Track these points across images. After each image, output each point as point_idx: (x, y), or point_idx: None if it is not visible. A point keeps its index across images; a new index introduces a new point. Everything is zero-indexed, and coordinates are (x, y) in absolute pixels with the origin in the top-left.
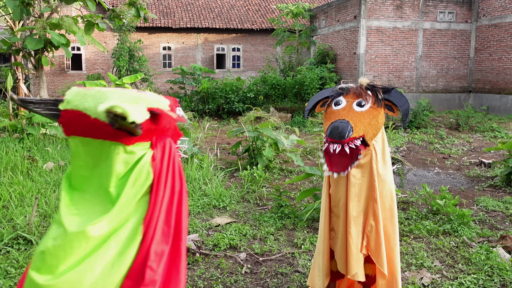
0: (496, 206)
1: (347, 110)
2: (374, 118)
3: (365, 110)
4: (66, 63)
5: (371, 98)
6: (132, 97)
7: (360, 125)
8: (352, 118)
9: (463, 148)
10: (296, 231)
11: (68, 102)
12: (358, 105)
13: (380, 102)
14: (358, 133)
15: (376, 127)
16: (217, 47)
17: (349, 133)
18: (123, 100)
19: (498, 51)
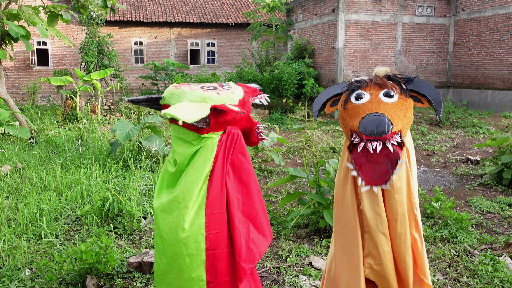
0: (491, 207)
1: (375, 103)
2: (408, 110)
3: (395, 101)
4: (32, 58)
5: (396, 88)
6: (201, 97)
7: (397, 118)
8: (385, 110)
9: (446, 144)
10: (280, 240)
11: (164, 99)
12: (386, 95)
13: (407, 91)
14: (397, 127)
15: (410, 121)
16: (191, 42)
17: (389, 126)
18: (192, 100)
19: (477, 46)
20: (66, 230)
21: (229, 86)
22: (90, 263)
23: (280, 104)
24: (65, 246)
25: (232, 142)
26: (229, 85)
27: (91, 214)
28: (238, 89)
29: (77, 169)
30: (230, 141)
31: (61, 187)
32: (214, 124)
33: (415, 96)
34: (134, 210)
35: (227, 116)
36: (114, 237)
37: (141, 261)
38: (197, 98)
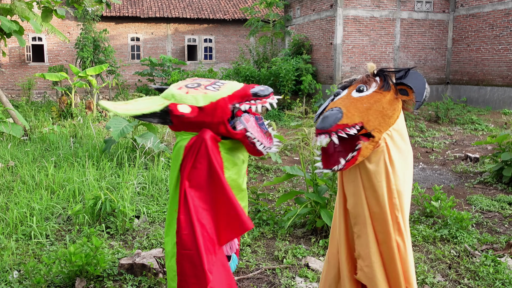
0: (491, 205)
1: (343, 98)
2: (376, 103)
3: (364, 95)
4: (27, 54)
5: (376, 83)
6: (170, 94)
7: (355, 110)
8: (345, 104)
9: (445, 141)
10: (276, 240)
11: None
12: (357, 90)
13: (387, 85)
14: (352, 120)
15: (382, 114)
16: (188, 38)
17: (336, 120)
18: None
19: (476, 42)
20: (57, 230)
21: (218, 85)
22: (80, 265)
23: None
24: (55, 247)
25: (195, 148)
26: (220, 84)
27: (82, 214)
28: (223, 90)
29: (70, 167)
30: (194, 146)
31: (53, 185)
32: (177, 123)
33: (404, 88)
34: (126, 209)
35: (189, 117)
36: (106, 237)
37: (133, 262)
38: (165, 95)
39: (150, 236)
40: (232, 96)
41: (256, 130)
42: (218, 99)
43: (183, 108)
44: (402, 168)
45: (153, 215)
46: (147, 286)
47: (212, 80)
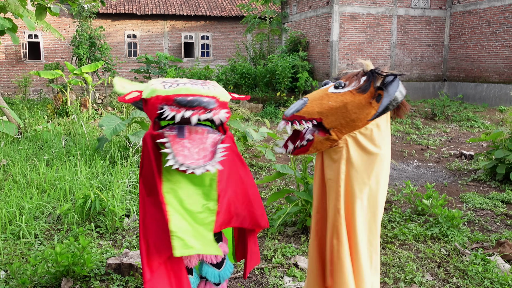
0: (484, 203)
1: (320, 90)
2: (341, 103)
3: (337, 92)
4: (23, 51)
5: (358, 83)
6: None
7: (317, 105)
8: (314, 97)
9: (440, 138)
10: (266, 239)
11: None
12: (334, 87)
13: (364, 88)
14: (310, 114)
15: (345, 116)
16: (185, 35)
17: (296, 110)
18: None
19: (472, 39)
20: (46, 230)
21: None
22: (66, 265)
23: (274, 97)
24: (43, 247)
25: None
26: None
27: (72, 213)
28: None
29: (62, 165)
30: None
31: (44, 184)
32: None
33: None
34: (116, 208)
35: (131, 102)
36: (95, 236)
37: (120, 262)
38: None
39: None
40: (166, 97)
41: (196, 145)
42: (156, 94)
43: (132, 95)
44: (364, 174)
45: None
46: (134, 286)
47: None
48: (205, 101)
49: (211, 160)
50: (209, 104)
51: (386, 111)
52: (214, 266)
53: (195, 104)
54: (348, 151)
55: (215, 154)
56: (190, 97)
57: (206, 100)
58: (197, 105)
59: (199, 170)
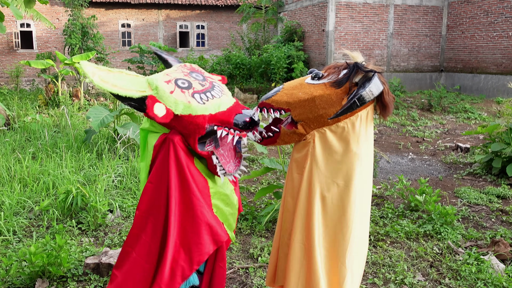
0: (479, 198)
1: (297, 79)
2: (310, 96)
3: (311, 83)
4: (15, 41)
5: (336, 76)
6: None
7: (288, 95)
8: (289, 86)
9: (436, 130)
10: (252, 237)
11: None
12: (312, 77)
13: (339, 83)
14: (279, 103)
15: (312, 110)
16: (180, 24)
17: (267, 96)
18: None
19: (470, 29)
20: (26, 226)
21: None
22: (41, 265)
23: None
24: (21, 244)
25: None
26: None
27: (52, 209)
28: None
29: (48, 158)
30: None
31: (28, 178)
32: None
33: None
34: (98, 204)
35: (159, 121)
36: (76, 233)
37: (99, 262)
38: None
39: (123, 232)
40: (213, 117)
41: (226, 149)
42: (198, 114)
43: (158, 108)
44: (330, 173)
45: (128, 209)
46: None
47: (207, 84)
48: (258, 120)
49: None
50: (259, 121)
51: (348, 111)
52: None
53: (251, 126)
54: (314, 147)
55: (237, 150)
56: (247, 119)
57: (256, 118)
58: (255, 125)
59: (237, 173)
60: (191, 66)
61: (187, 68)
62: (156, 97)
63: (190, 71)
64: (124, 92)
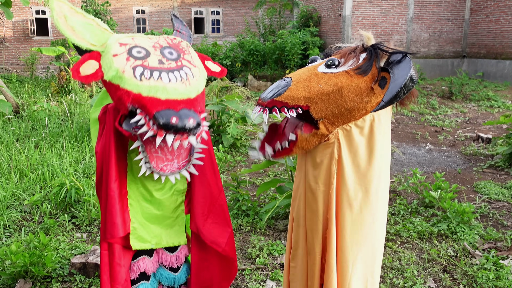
0: (500, 194)
1: (306, 69)
2: (335, 87)
3: (329, 73)
4: (31, 28)
5: (356, 62)
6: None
7: (304, 89)
8: (300, 77)
9: (457, 119)
10: (252, 235)
11: None
12: (326, 65)
13: (365, 68)
14: (295, 99)
15: (339, 104)
16: (195, 10)
17: (276, 94)
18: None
19: (495, 12)
20: (19, 220)
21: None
22: (22, 265)
23: (283, 75)
24: (12, 239)
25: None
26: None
27: (45, 202)
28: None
29: (50, 148)
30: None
31: (26, 169)
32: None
33: (386, 78)
34: (92, 198)
35: (87, 80)
36: (69, 228)
37: (85, 262)
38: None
39: None
40: (139, 99)
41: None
42: (125, 88)
43: (88, 66)
44: (359, 176)
45: None
46: None
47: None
48: (190, 126)
49: (186, 161)
50: (194, 129)
51: (394, 101)
52: (171, 270)
53: (178, 130)
54: (339, 148)
55: (191, 153)
56: (174, 119)
57: (191, 123)
58: (181, 131)
59: (173, 177)
60: (177, 43)
61: (168, 42)
62: (101, 55)
63: (168, 46)
64: (74, 39)
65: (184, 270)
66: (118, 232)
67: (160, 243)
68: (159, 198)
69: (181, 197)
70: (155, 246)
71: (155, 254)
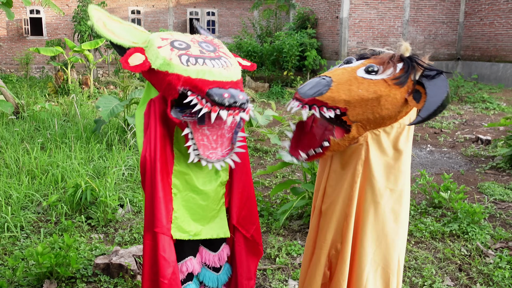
0: (504, 194)
1: (346, 70)
2: (375, 94)
3: (369, 79)
4: (25, 27)
5: (393, 71)
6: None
7: (345, 91)
8: (340, 79)
9: (454, 121)
10: (269, 236)
11: None
12: (366, 70)
13: (403, 80)
14: (335, 101)
15: (374, 110)
16: (190, 11)
17: (318, 92)
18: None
19: (489, 16)
20: (34, 221)
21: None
22: (48, 266)
23: (281, 77)
24: (29, 241)
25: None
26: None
27: (61, 204)
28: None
29: (57, 149)
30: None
31: (36, 170)
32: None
33: (421, 93)
34: (108, 199)
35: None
36: (86, 229)
37: (109, 262)
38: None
39: (133, 229)
40: (189, 81)
41: (215, 133)
42: (174, 72)
43: (135, 57)
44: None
45: (139, 204)
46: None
47: (212, 54)
48: (241, 101)
49: (229, 149)
50: (244, 104)
51: (431, 118)
52: (214, 270)
53: (231, 104)
54: (367, 150)
55: (232, 142)
56: (226, 94)
57: (241, 98)
58: (233, 106)
59: (218, 164)
60: (210, 39)
61: (202, 38)
62: (144, 50)
63: (203, 41)
64: (116, 40)
65: (226, 270)
66: (162, 221)
67: (199, 234)
68: (205, 189)
69: (223, 189)
70: (193, 237)
71: (199, 254)
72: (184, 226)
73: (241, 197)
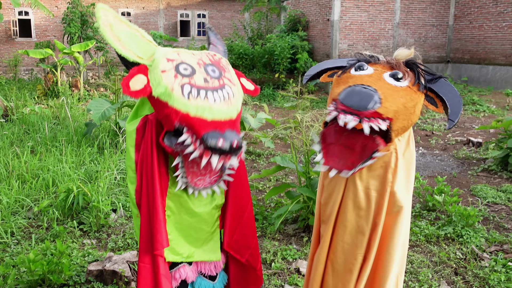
0: (497, 197)
1: (375, 78)
2: (412, 102)
3: (401, 87)
4: (13, 29)
5: (409, 76)
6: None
7: (393, 102)
8: (382, 88)
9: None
10: (265, 240)
11: None
12: (393, 77)
13: (422, 85)
14: (387, 112)
15: (410, 118)
16: (181, 13)
17: (375, 104)
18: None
19: (478, 19)
20: (25, 227)
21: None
22: (40, 274)
23: (272, 79)
24: (20, 247)
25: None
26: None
27: (52, 209)
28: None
29: (47, 153)
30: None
31: (26, 174)
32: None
33: (432, 96)
34: (100, 204)
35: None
36: (78, 235)
37: (102, 269)
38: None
39: (127, 234)
40: (187, 118)
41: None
42: (173, 106)
43: (137, 80)
44: (406, 181)
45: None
46: None
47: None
48: (235, 147)
49: (217, 176)
50: (237, 151)
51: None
52: (210, 278)
53: (224, 151)
54: (397, 157)
55: (222, 169)
56: (221, 141)
57: (235, 144)
58: (226, 152)
59: (205, 192)
60: (218, 59)
61: (210, 59)
62: (148, 69)
63: (210, 63)
64: (121, 50)
65: (221, 278)
66: (163, 244)
67: (192, 256)
68: (200, 211)
69: (218, 212)
70: (185, 259)
71: (194, 262)
72: (177, 248)
73: (232, 220)
